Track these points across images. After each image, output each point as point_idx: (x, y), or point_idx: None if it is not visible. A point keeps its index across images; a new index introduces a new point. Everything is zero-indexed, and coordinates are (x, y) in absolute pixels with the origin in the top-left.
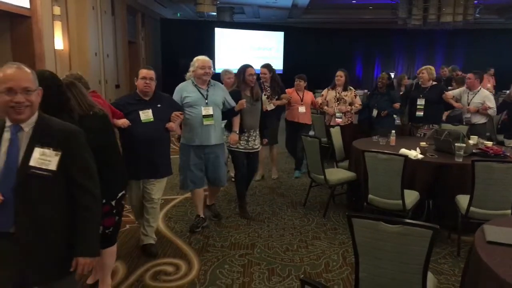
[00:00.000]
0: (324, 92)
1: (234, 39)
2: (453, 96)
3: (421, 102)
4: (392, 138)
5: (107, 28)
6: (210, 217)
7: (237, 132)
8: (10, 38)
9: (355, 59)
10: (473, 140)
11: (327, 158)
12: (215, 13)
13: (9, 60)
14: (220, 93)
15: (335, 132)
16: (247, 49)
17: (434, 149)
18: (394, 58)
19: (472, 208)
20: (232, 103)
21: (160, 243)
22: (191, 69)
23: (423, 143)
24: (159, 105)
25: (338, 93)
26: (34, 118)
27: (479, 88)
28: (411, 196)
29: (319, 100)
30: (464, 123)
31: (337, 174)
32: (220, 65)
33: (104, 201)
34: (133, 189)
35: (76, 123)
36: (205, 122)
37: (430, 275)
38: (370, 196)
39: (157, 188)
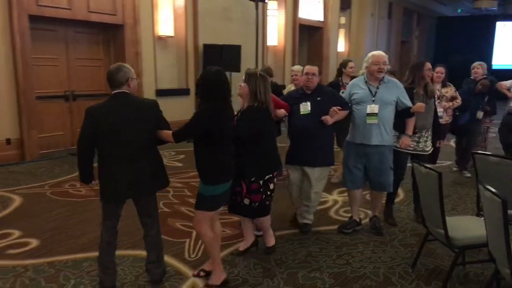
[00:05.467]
0: None
1: None
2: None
3: None
4: None
5: (382, 31)
6: (370, 230)
7: (410, 135)
8: (307, 44)
9: None
10: None
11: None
12: (495, 8)
13: (305, 60)
14: (394, 91)
15: None
16: None
17: None
18: None
19: None
20: (408, 102)
21: None
22: (364, 64)
23: None
24: (318, 98)
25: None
26: None
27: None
28: None
29: None
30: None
31: None
32: (500, 61)
33: (253, 179)
34: (292, 173)
35: (231, 109)
36: (368, 121)
37: None
38: None
39: (314, 178)
